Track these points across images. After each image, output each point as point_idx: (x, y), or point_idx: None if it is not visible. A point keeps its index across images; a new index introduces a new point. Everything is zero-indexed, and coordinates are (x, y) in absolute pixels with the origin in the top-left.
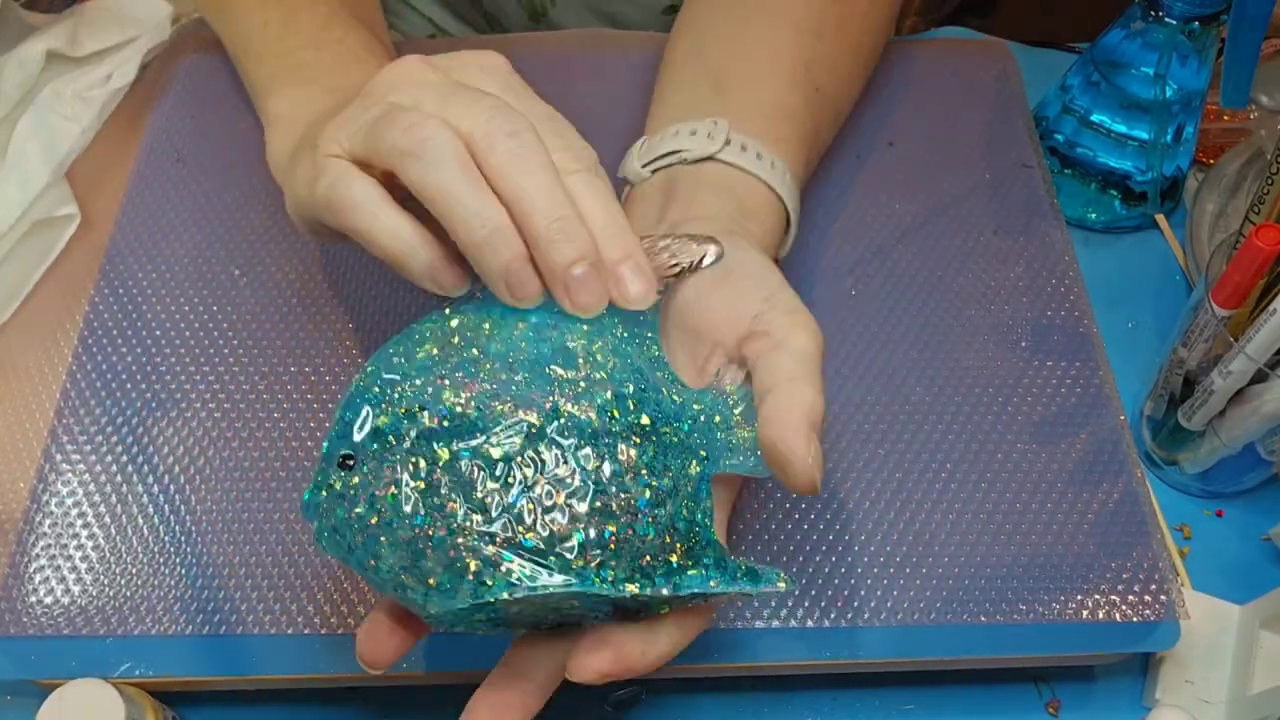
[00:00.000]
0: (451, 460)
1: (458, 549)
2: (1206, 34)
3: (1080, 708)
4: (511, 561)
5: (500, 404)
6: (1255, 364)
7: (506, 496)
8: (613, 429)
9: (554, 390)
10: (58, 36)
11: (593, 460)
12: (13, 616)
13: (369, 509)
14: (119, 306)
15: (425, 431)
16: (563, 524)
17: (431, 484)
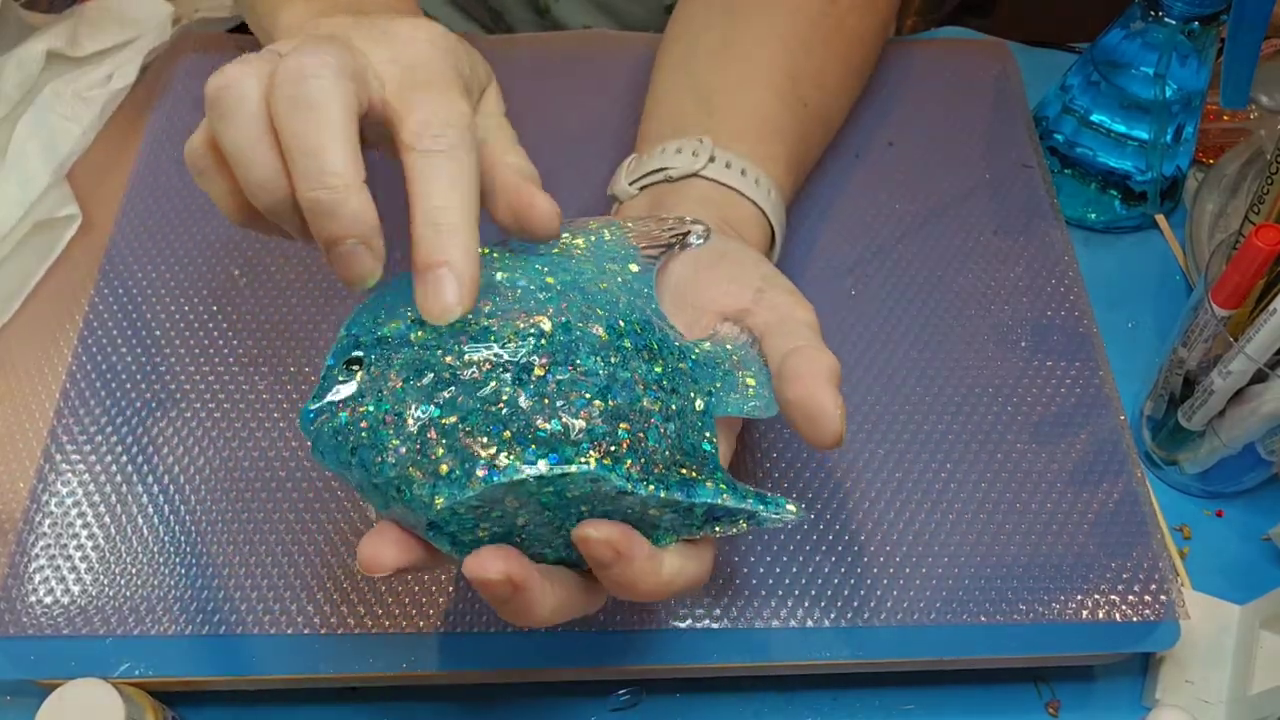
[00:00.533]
0: (462, 358)
1: (471, 433)
2: (1206, 34)
3: (1080, 708)
4: (527, 447)
5: (512, 315)
6: (1255, 364)
7: (520, 392)
8: (623, 345)
9: (565, 307)
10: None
11: (604, 368)
12: (13, 616)
13: (377, 405)
14: (119, 306)
15: (435, 335)
16: (576, 418)
17: (442, 379)
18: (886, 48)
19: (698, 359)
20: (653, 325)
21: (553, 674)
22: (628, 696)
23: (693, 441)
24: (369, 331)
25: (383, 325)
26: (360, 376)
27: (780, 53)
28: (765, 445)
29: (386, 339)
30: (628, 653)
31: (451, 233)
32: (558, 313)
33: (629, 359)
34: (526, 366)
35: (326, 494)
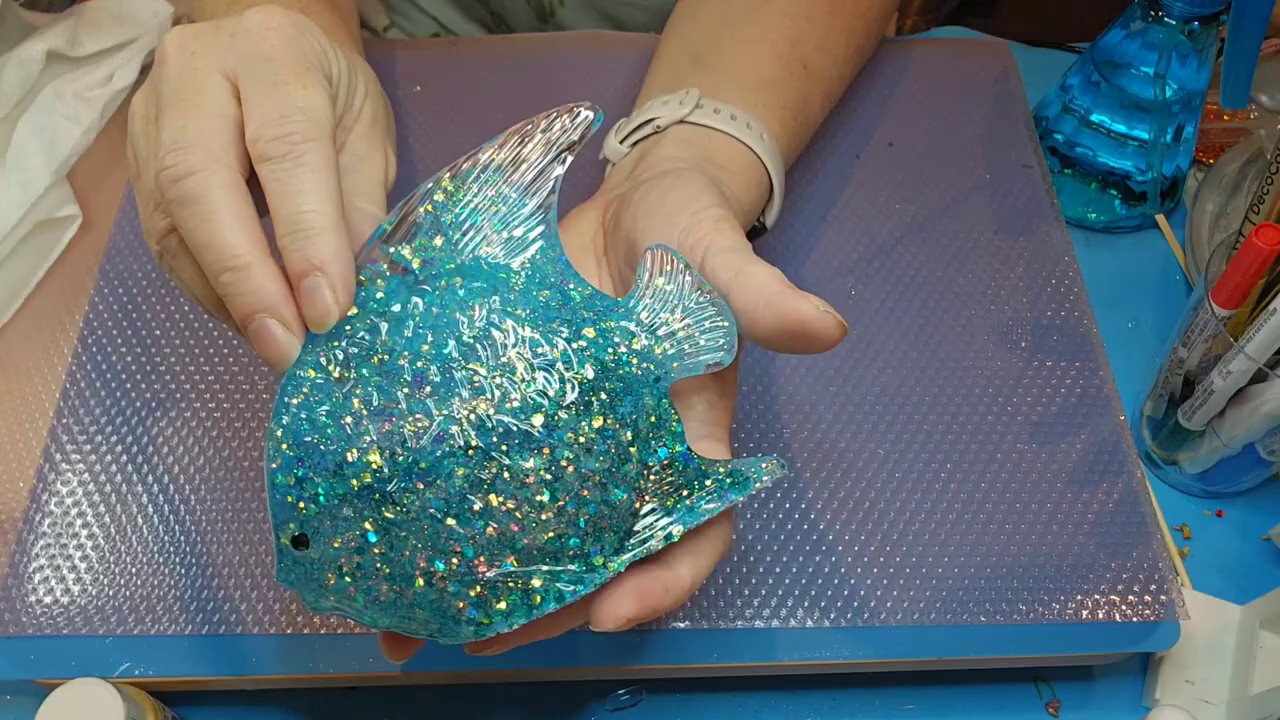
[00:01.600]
0: (402, 511)
1: (442, 596)
2: (1206, 34)
3: (1080, 708)
4: (499, 592)
5: (430, 437)
6: (1255, 364)
7: (470, 527)
8: (550, 409)
9: (477, 393)
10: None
11: (545, 457)
12: (12, 616)
13: (340, 578)
14: (119, 306)
15: (364, 488)
16: (535, 534)
17: (391, 540)
18: (887, 47)
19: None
20: (575, 341)
21: (553, 674)
22: (628, 696)
23: (655, 451)
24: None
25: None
26: (315, 557)
27: (781, 19)
28: (765, 446)
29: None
30: (628, 653)
31: (317, 235)
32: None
33: (565, 427)
34: (464, 498)
35: None
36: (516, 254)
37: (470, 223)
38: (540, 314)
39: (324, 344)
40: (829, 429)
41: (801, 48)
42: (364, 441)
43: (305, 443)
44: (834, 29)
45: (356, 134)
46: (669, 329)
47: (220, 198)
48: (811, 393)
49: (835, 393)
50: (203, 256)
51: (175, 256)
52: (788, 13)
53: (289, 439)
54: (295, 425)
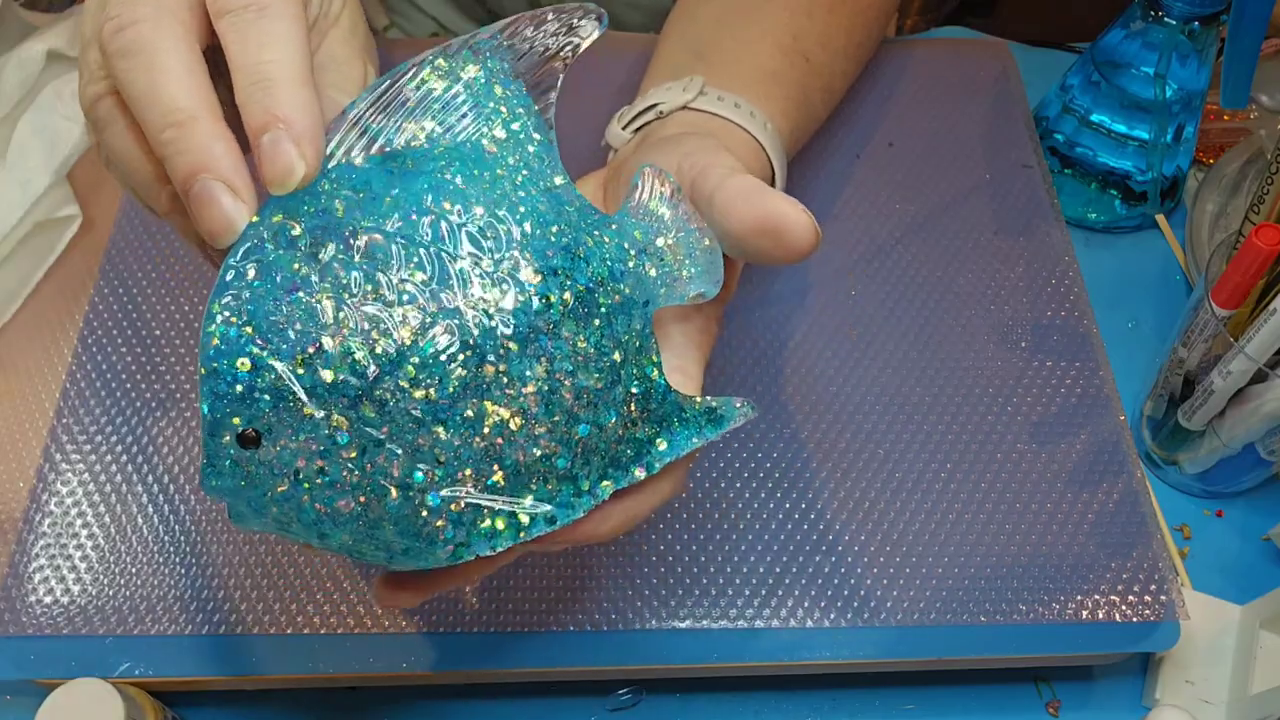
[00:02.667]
0: (381, 411)
1: (416, 511)
2: (1206, 34)
3: (1080, 708)
4: (481, 512)
5: (417, 329)
6: (1255, 364)
7: (458, 435)
8: (551, 317)
9: (471, 289)
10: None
11: (542, 365)
12: (12, 616)
13: (295, 485)
14: (119, 306)
15: (337, 383)
16: (525, 449)
17: (365, 444)
18: (887, 47)
19: (628, 260)
20: (573, 248)
21: (553, 674)
22: (628, 696)
23: (639, 379)
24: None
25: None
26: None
27: (783, 14)
28: (766, 445)
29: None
30: (628, 653)
31: (281, 85)
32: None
33: (557, 333)
34: (451, 403)
35: None
36: (513, 150)
37: (466, 106)
38: (538, 215)
39: (289, 211)
40: (829, 429)
41: (803, 41)
42: (344, 329)
43: (266, 323)
44: (834, 25)
45: (333, 37)
46: (658, 252)
47: (168, 46)
48: (811, 393)
49: (835, 393)
50: (144, 114)
51: (109, 124)
52: (788, 7)
53: (239, 316)
54: (251, 302)
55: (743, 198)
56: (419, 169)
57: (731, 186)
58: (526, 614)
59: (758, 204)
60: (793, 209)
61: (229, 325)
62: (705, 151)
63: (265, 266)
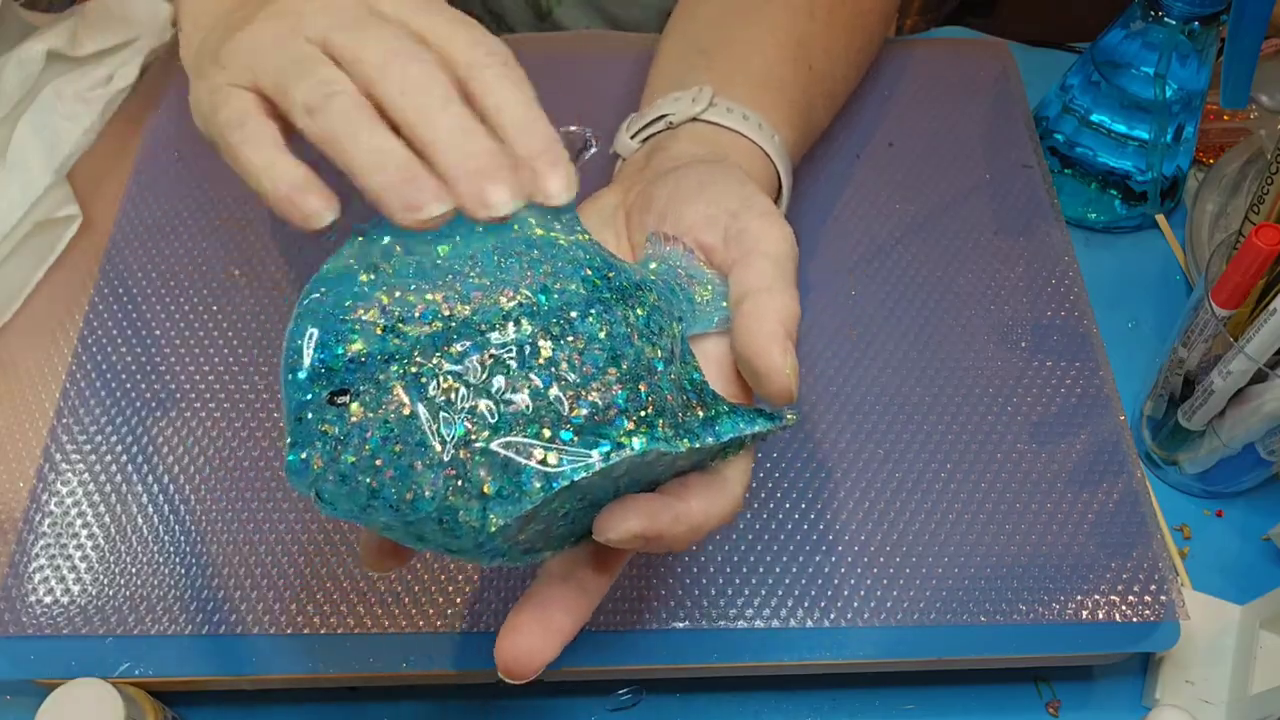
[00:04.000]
0: (460, 362)
1: (507, 448)
2: (1206, 34)
3: (1080, 708)
4: (568, 443)
5: (483, 296)
6: (1255, 364)
7: (534, 382)
8: (604, 296)
9: (529, 268)
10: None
11: (600, 327)
12: (12, 616)
13: (385, 439)
14: (119, 306)
15: (418, 341)
16: (600, 394)
17: (449, 393)
18: (887, 47)
19: (658, 286)
20: (611, 263)
21: (553, 674)
22: (628, 696)
23: (690, 377)
24: (332, 353)
25: (345, 341)
26: (355, 409)
27: (784, 17)
28: (765, 445)
29: (362, 358)
30: (628, 653)
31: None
32: (528, 279)
33: (614, 309)
34: (526, 352)
35: None
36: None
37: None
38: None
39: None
40: (829, 429)
41: (806, 48)
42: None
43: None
44: (835, 26)
45: None
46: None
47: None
48: (811, 393)
49: (835, 393)
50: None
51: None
52: (793, 8)
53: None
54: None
55: (754, 323)
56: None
57: (755, 309)
58: None
59: (763, 338)
60: (778, 369)
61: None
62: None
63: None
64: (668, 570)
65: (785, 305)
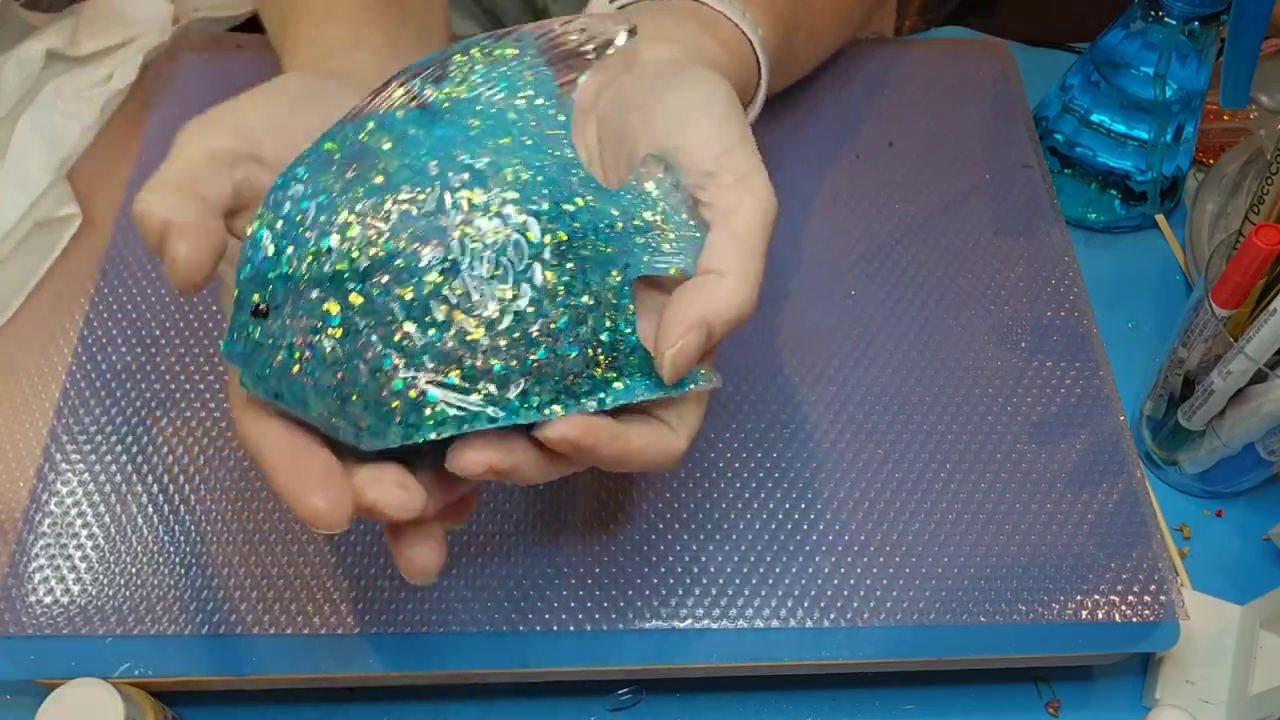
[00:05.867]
0: (367, 302)
1: (381, 391)
2: (1206, 34)
3: (1080, 708)
4: (436, 402)
5: (409, 239)
6: (1255, 364)
7: (425, 334)
8: (527, 253)
9: (464, 217)
10: (58, 36)
11: (509, 290)
12: (12, 616)
13: (289, 357)
14: (119, 306)
15: (336, 274)
16: (483, 358)
17: (349, 328)
18: (887, 47)
19: (611, 225)
20: (563, 204)
21: (553, 674)
22: (628, 696)
23: (610, 329)
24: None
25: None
26: (272, 328)
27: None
28: (765, 445)
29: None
30: (628, 653)
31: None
32: (454, 225)
33: (534, 264)
34: (430, 303)
35: None
36: (532, 117)
37: (499, 83)
38: (539, 171)
39: (336, 140)
40: (829, 429)
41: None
42: (349, 234)
43: (292, 222)
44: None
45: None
46: (646, 225)
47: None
48: (811, 393)
49: (835, 393)
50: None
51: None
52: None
53: (277, 215)
54: (288, 207)
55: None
56: (446, 121)
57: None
58: (526, 614)
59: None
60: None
61: (264, 220)
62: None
63: (304, 184)
64: (668, 570)
65: (724, 297)
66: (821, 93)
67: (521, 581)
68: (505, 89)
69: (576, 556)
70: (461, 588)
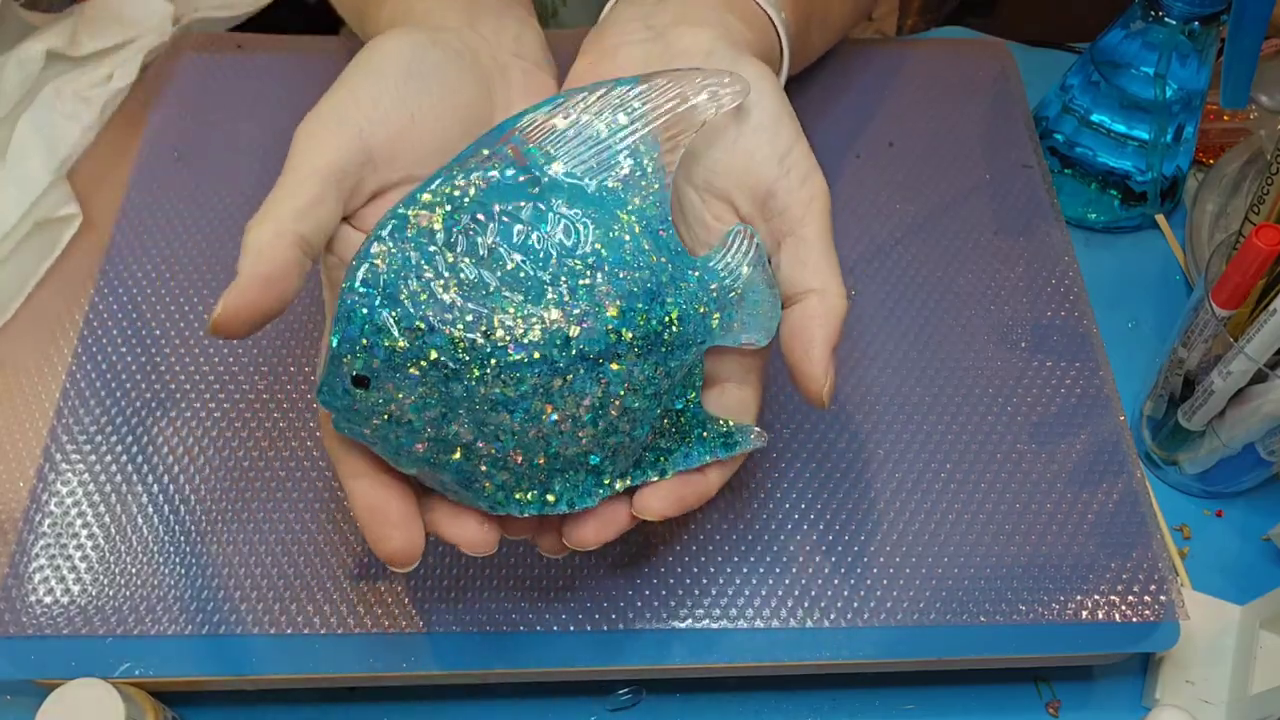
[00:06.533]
0: (466, 391)
1: (474, 471)
2: (1206, 34)
3: (1080, 708)
4: (523, 482)
5: (510, 328)
6: (1255, 364)
7: (514, 425)
8: (618, 350)
9: (563, 308)
10: (58, 36)
11: (595, 386)
12: (13, 616)
13: (385, 425)
14: (119, 306)
15: (436, 362)
16: (569, 447)
17: (445, 412)
18: (887, 47)
19: (692, 299)
20: (655, 295)
21: (553, 674)
22: (628, 696)
23: (681, 398)
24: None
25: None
26: (372, 401)
27: None
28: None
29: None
30: (628, 653)
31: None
32: (552, 318)
33: (625, 359)
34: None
35: (326, 494)
36: (634, 191)
37: (605, 144)
38: (637, 256)
39: (442, 207)
40: (829, 429)
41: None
42: (453, 318)
43: (393, 294)
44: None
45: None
46: (729, 304)
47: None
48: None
49: (835, 393)
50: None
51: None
52: None
53: (377, 281)
54: (389, 271)
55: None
56: (551, 197)
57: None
58: (526, 614)
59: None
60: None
61: (367, 286)
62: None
63: (406, 248)
64: (668, 570)
65: (834, 308)
66: (822, 93)
67: (522, 582)
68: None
69: (577, 557)
70: (461, 588)
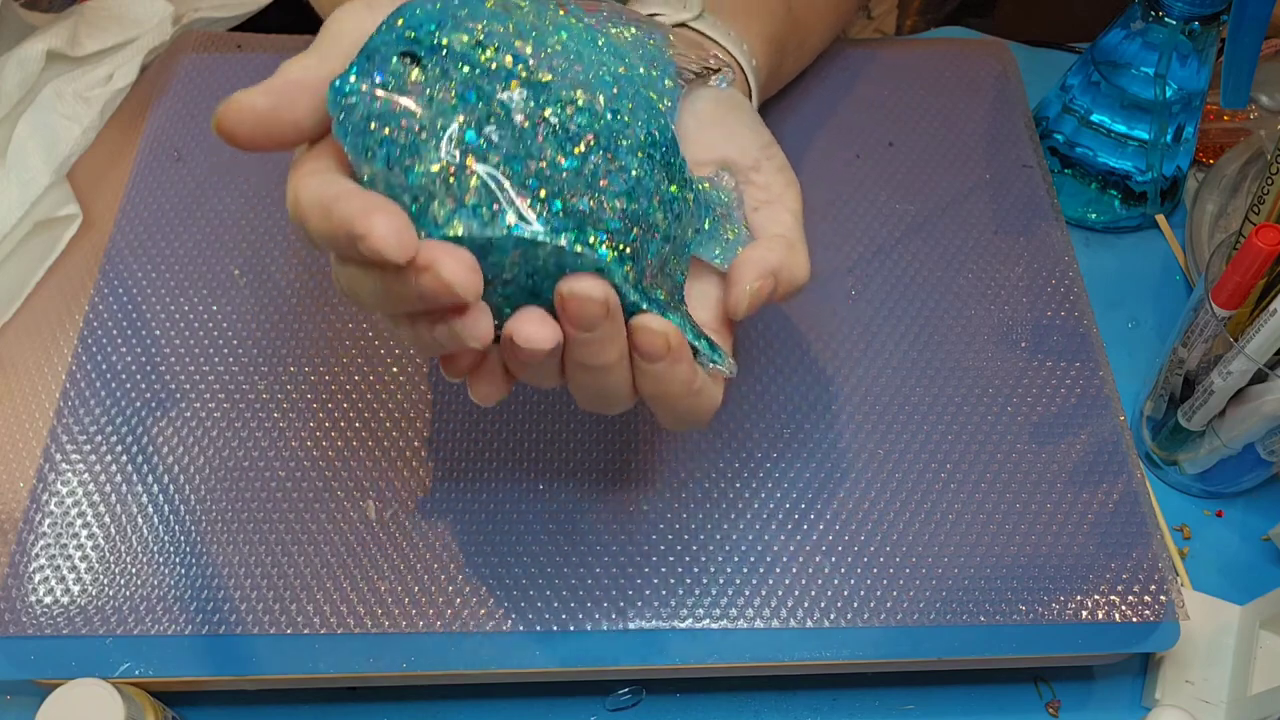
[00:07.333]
0: (522, 104)
1: (502, 183)
2: (1206, 34)
3: (1080, 708)
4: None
5: (570, 81)
6: (1255, 364)
7: (560, 159)
8: (654, 154)
9: (617, 94)
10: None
11: (636, 168)
12: (13, 616)
13: (428, 110)
14: (119, 306)
15: (497, 69)
16: (601, 207)
17: (494, 113)
18: (887, 47)
19: (697, 195)
20: (677, 145)
21: (553, 674)
22: (628, 696)
23: (672, 269)
24: (428, 33)
25: (445, 33)
26: (414, 74)
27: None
28: (765, 445)
29: (445, 48)
30: (628, 653)
31: None
32: (610, 98)
33: (655, 169)
34: (573, 137)
35: (326, 494)
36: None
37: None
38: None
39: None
40: (829, 429)
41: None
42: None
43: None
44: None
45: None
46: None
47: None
48: (811, 392)
49: (835, 393)
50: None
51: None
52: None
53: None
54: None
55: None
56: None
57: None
58: (526, 614)
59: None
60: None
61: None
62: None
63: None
64: (668, 570)
65: (794, 259)
66: (821, 93)
67: (521, 581)
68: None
69: (577, 556)
70: (462, 588)
